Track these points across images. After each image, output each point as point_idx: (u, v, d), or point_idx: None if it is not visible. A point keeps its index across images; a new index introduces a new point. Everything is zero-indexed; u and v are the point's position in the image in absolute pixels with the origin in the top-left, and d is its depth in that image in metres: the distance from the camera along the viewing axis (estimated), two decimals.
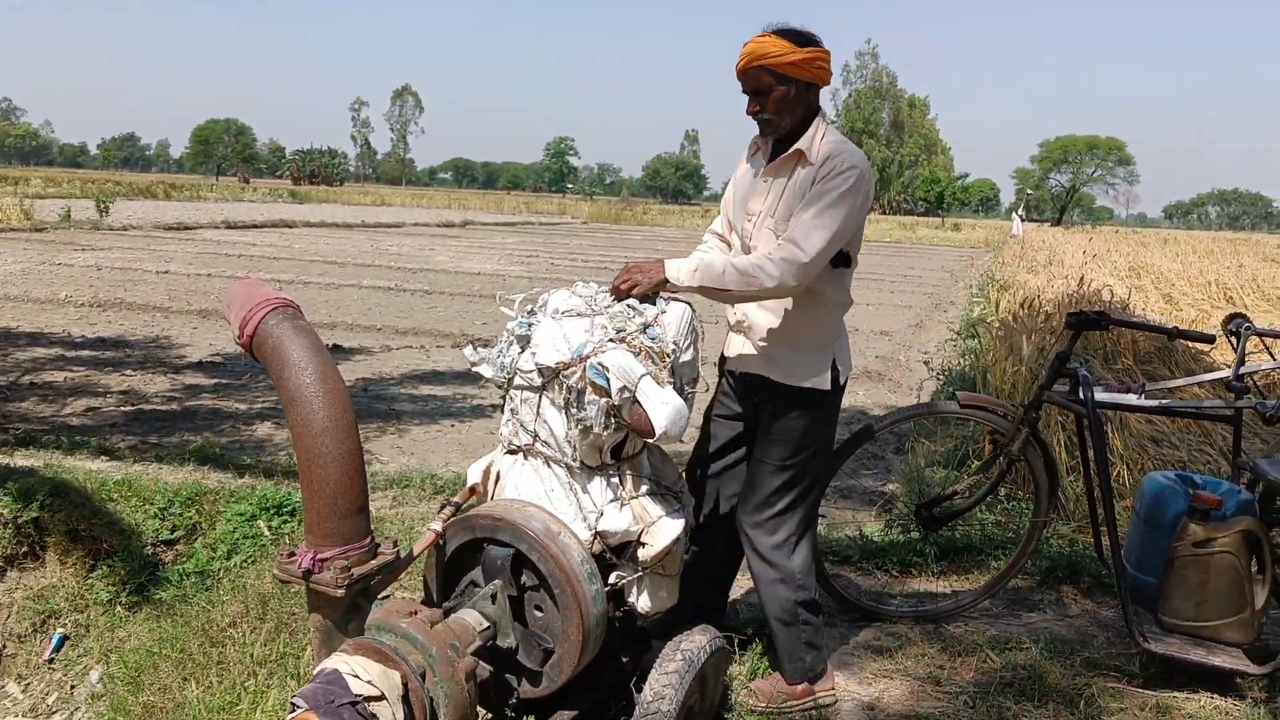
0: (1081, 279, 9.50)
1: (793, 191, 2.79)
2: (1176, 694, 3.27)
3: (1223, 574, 3.22)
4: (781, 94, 2.75)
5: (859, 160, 2.74)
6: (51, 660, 4.09)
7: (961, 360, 8.92)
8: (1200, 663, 3.22)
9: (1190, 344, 6.35)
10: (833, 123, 2.88)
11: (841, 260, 2.84)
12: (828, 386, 2.92)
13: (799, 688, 3.08)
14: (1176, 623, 3.32)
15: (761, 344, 2.92)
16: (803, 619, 3.04)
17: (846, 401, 8.10)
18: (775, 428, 2.94)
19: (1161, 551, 3.36)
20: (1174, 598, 3.32)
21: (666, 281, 2.62)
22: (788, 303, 2.86)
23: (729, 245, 3.11)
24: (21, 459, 4.98)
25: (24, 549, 4.32)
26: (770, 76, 2.72)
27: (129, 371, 7.93)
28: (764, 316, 2.91)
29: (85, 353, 8.65)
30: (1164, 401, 3.64)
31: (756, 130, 2.93)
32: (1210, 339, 3.71)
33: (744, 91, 2.81)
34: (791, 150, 2.81)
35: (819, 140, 2.79)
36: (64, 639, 4.14)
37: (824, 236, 2.65)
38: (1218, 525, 3.24)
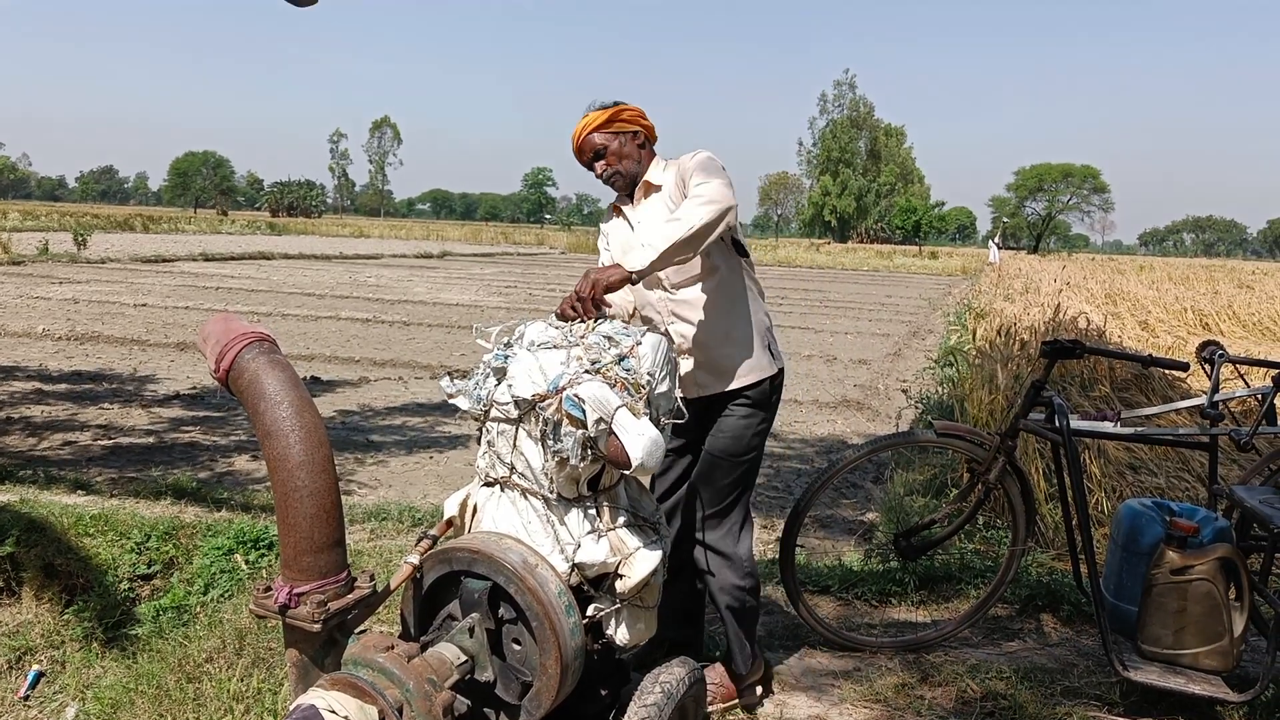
0: (1058, 307, 9.59)
1: (657, 209, 3.04)
2: None
3: (1200, 601, 3.23)
4: (615, 146, 3.08)
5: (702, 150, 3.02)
6: (27, 697, 4.03)
7: (939, 389, 8.97)
8: (1180, 691, 3.23)
9: (1165, 371, 6.42)
10: (809, 152, 3.05)
11: (741, 250, 3.11)
12: (772, 371, 3.14)
13: (753, 676, 3.31)
14: (1156, 650, 3.33)
15: (705, 358, 3.07)
16: (748, 605, 3.24)
17: (825, 430, 8.19)
18: (728, 427, 3.11)
19: (1139, 579, 3.37)
20: (1152, 625, 3.33)
21: (630, 277, 2.67)
22: (715, 307, 3.05)
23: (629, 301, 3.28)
24: None
25: None
26: (601, 138, 3.07)
27: (106, 405, 7.88)
28: (700, 328, 3.06)
29: (62, 386, 8.59)
30: (1140, 429, 3.67)
31: (614, 197, 3.23)
32: (1184, 366, 3.75)
33: (587, 163, 3.13)
34: (642, 183, 3.12)
35: (658, 169, 3.12)
36: (40, 675, 4.09)
37: (719, 174, 2.83)
38: (1195, 552, 3.25)
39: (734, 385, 3.08)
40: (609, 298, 2.90)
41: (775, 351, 3.18)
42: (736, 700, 3.30)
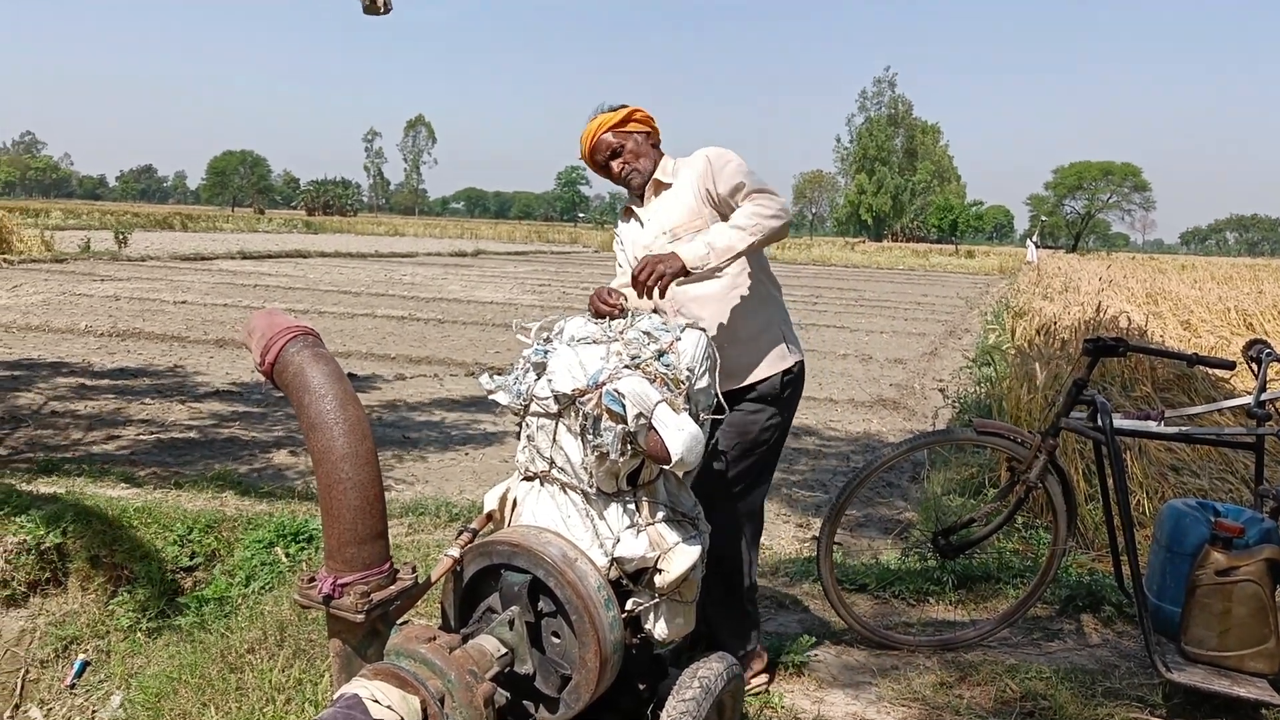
0: (1099, 306, 9.48)
1: (669, 206, 3.09)
2: None
3: (1246, 603, 3.19)
4: (633, 149, 3.13)
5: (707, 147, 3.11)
6: (73, 686, 4.10)
7: (977, 388, 8.90)
8: (1224, 693, 3.18)
9: (1210, 370, 6.33)
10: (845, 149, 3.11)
11: None
12: (782, 366, 3.17)
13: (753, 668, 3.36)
14: (1199, 652, 3.29)
15: (724, 355, 3.03)
16: (750, 598, 3.30)
17: (861, 429, 8.16)
18: (734, 420, 3.12)
19: (1183, 580, 3.32)
20: (1196, 627, 3.28)
21: (685, 269, 2.74)
22: (723, 304, 3.08)
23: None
24: (44, 486, 5.02)
25: (46, 575, 4.36)
26: (614, 138, 3.12)
27: (149, 400, 7.99)
28: (720, 325, 3.07)
29: (105, 382, 8.72)
30: (1184, 429, 3.62)
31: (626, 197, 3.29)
32: (1230, 365, 3.70)
33: (600, 162, 3.16)
34: (651, 181, 3.15)
35: (670, 167, 3.16)
36: (85, 665, 4.16)
37: (771, 186, 2.96)
38: (1240, 554, 3.20)
39: (744, 383, 3.10)
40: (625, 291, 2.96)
41: (790, 345, 3.21)
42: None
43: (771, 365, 3.13)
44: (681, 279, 2.78)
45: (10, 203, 66.31)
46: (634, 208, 3.23)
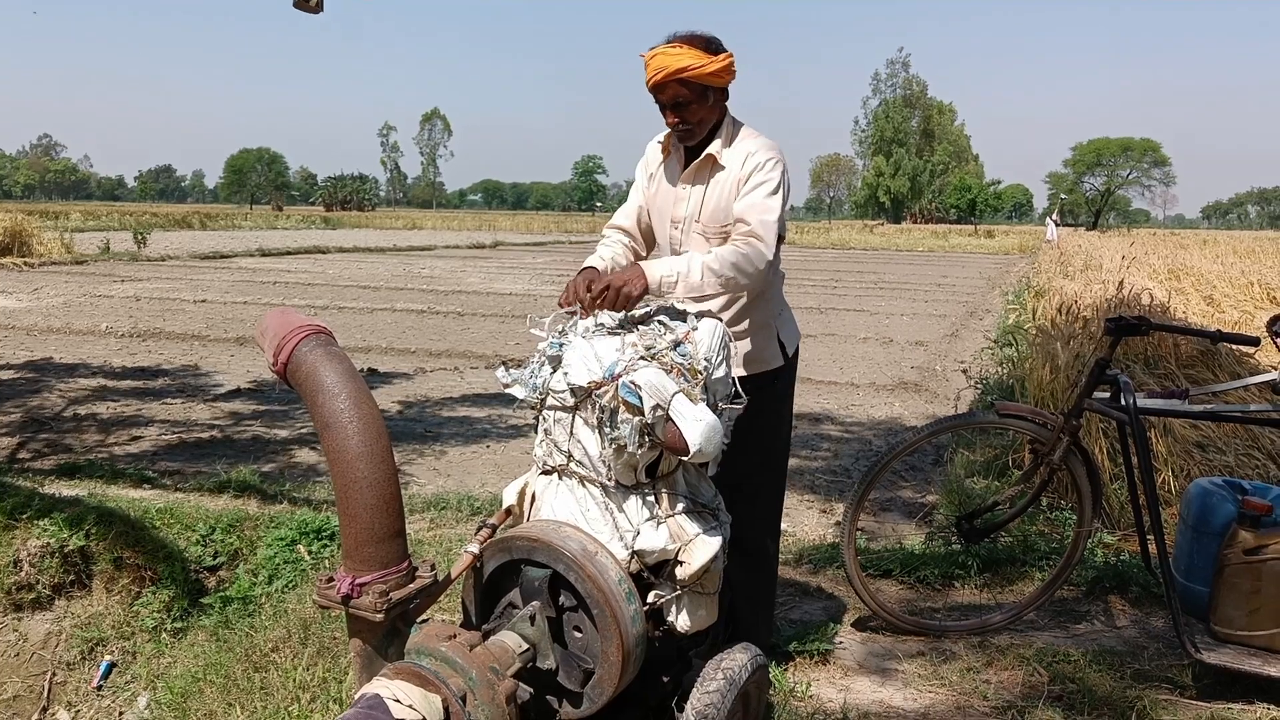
0: (1121, 283, 9.38)
1: (715, 195, 2.92)
2: (1232, 706, 3.20)
3: (1275, 582, 3.14)
4: (702, 104, 2.82)
5: (777, 150, 2.89)
6: (100, 687, 4.13)
7: (999, 369, 8.83)
8: (1255, 673, 3.14)
9: (1234, 347, 6.26)
10: (862, 132, 3.00)
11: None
12: (781, 362, 3.11)
13: None
14: (1229, 633, 3.25)
15: None
16: (767, 596, 3.31)
17: (883, 413, 8.12)
18: (740, 420, 2.99)
19: (1211, 560, 3.28)
20: (1225, 607, 3.25)
21: (647, 289, 2.65)
22: (723, 300, 2.99)
23: (634, 239, 3.21)
24: (66, 489, 5.05)
25: (71, 578, 4.38)
26: (688, 89, 2.77)
27: (169, 400, 8.03)
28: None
29: (126, 382, 8.76)
30: (1209, 406, 3.58)
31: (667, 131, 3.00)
32: (1255, 341, 3.64)
33: (662, 104, 2.85)
34: (704, 156, 2.92)
35: (732, 141, 2.91)
36: (112, 666, 4.18)
37: (774, 228, 2.82)
38: (1269, 532, 3.16)
39: (740, 375, 2.99)
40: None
41: (784, 343, 3.12)
42: None
43: (763, 364, 3.08)
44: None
45: (30, 205, 67.00)
46: (678, 163, 3.02)
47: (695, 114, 2.83)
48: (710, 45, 2.78)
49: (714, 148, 2.90)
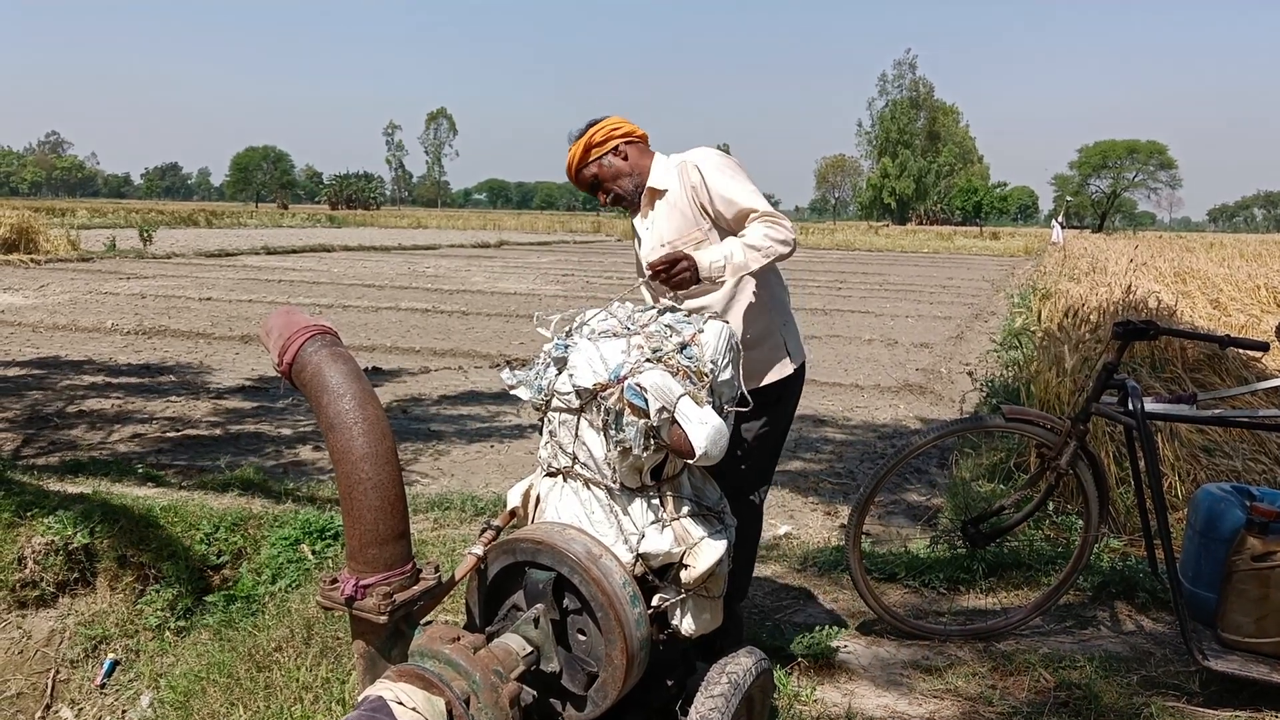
0: (1128, 287, 9.35)
1: (666, 216, 3.05)
2: (1239, 713, 3.18)
3: None
4: (604, 171, 3.06)
5: (699, 150, 3.05)
6: (103, 685, 4.12)
7: (1004, 371, 8.81)
8: (1263, 680, 3.12)
9: (1242, 351, 6.23)
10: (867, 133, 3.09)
11: None
12: (789, 371, 3.15)
13: None
14: (1237, 639, 3.23)
15: None
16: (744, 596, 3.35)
17: (887, 415, 8.09)
18: (743, 429, 3.08)
19: (1218, 566, 3.27)
20: (1233, 613, 3.23)
21: (699, 276, 2.76)
22: (731, 312, 3.05)
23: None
24: (71, 486, 5.05)
25: (75, 575, 4.38)
26: (587, 171, 3.07)
27: (174, 397, 8.03)
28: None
29: (131, 380, 8.77)
30: (1217, 411, 3.56)
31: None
32: (1264, 347, 3.62)
33: (590, 193, 3.13)
34: (646, 191, 3.08)
35: (661, 171, 3.08)
36: (115, 664, 4.18)
37: (762, 197, 2.95)
38: (1277, 538, 3.15)
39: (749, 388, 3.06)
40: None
41: (790, 353, 3.16)
42: None
43: (766, 375, 3.10)
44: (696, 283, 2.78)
45: (37, 203, 67.06)
46: (634, 220, 3.18)
47: (610, 182, 3.07)
48: (591, 124, 3.07)
49: (652, 181, 3.07)
